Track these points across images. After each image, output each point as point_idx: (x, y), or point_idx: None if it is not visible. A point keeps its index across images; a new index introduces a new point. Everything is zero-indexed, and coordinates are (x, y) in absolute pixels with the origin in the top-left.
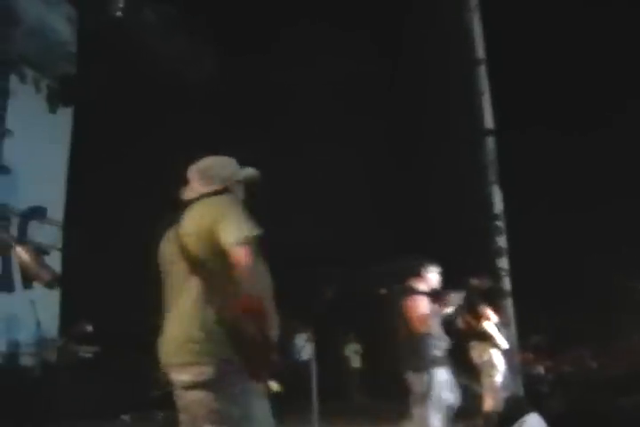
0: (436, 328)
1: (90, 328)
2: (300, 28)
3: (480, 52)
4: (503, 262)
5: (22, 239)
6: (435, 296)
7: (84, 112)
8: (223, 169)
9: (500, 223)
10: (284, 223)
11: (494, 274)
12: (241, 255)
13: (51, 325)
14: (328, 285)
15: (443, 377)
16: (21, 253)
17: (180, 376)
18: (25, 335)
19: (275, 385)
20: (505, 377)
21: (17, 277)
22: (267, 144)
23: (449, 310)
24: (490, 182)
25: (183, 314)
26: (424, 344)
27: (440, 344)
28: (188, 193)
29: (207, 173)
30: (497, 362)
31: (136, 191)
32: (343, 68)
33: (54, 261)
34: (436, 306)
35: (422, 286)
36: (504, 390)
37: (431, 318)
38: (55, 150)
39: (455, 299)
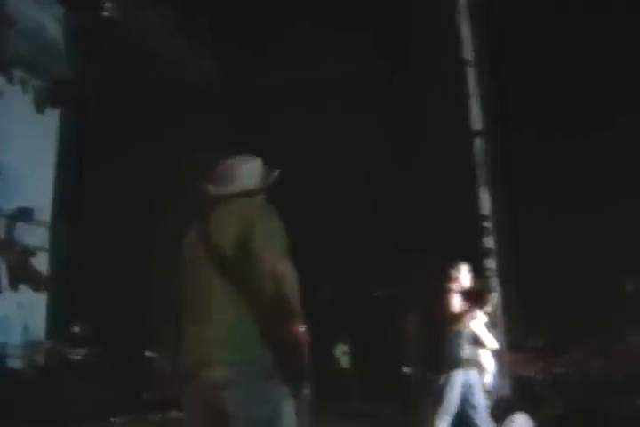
0: (466, 329)
1: (78, 330)
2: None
3: (468, 53)
4: (490, 263)
5: (9, 241)
6: (467, 296)
7: (72, 113)
8: (254, 170)
9: (487, 224)
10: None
11: (482, 274)
12: (274, 258)
13: (38, 327)
14: (324, 285)
15: (463, 379)
16: (8, 256)
17: (210, 375)
18: (12, 338)
19: (305, 389)
20: (494, 378)
21: (3, 279)
22: (264, 146)
23: (487, 309)
24: (478, 184)
25: (213, 314)
26: (452, 344)
27: (466, 345)
28: (214, 189)
29: (238, 172)
30: (485, 363)
31: (124, 191)
32: (340, 70)
33: (42, 262)
34: (468, 306)
35: (454, 286)
36: (493, 390)
37: (464, 318)
38: (42, 151)
39: (493, 298)
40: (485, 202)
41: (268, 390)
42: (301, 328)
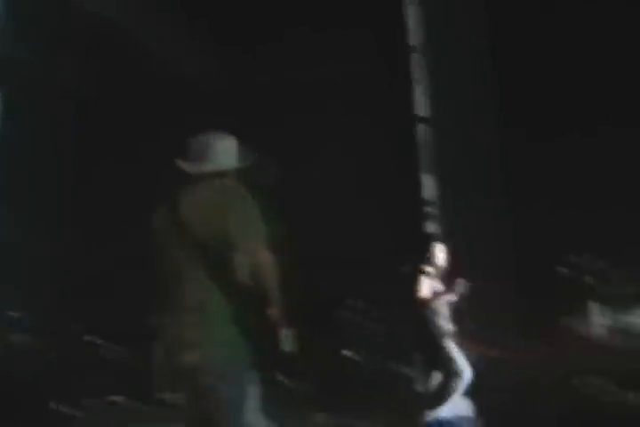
0: (442, 310)
1: (18, 315)
2: None
3: (413, 39)
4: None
5: None
6: (442, 278)
7: (14, 95)
8: (230, 149)
9: (430, 209)
10: None
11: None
12: (254, 246)
13: None
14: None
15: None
16: None
17: (194, 361)
18: None
19: (279, 375)
20: None
21: None
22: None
23: (453, 298)
24: (421, 169)
25: (194, 302)
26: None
27: (446, 326)
28: (189, 166)
29: (213, 149)
30: None
31: (70, 175)
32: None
33: None
34: (443, 286)
35: (428, 268)
36: None
37: (436, 299)
38: None
39: (461, 287)
40: (429, 187)
41: (242, 374)
42: (279, 315)
